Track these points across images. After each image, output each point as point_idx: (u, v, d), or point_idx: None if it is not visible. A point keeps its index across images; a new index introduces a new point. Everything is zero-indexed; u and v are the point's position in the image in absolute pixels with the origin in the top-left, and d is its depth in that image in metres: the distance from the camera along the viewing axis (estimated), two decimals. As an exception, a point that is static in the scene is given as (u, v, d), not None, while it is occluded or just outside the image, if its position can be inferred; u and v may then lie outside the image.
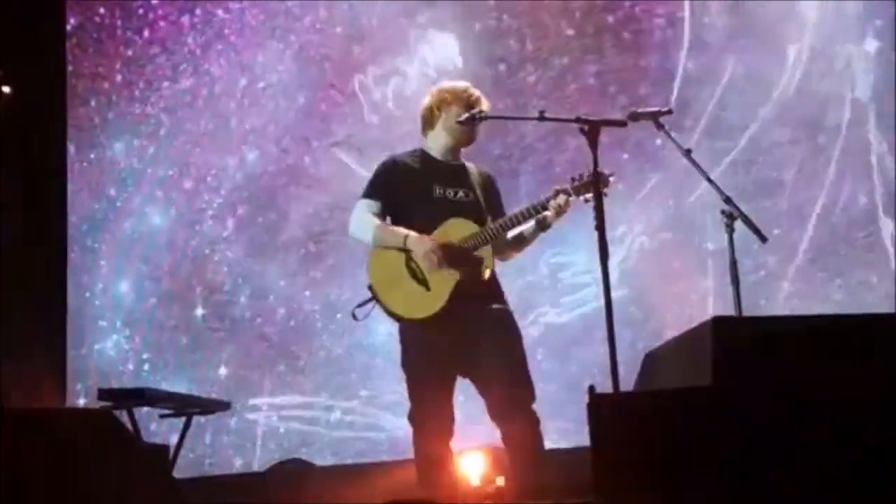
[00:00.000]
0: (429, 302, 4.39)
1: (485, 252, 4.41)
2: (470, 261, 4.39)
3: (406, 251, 4.43)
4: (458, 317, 4.36)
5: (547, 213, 4.41)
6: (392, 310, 4.47)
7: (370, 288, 4.51)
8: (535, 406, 4.39)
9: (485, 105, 4.60)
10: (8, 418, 4.66)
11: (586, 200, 4.16)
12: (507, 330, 4.46)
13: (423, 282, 4.42)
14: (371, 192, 4.63)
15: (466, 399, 4.56)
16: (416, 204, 4.54)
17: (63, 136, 7.53)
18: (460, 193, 4.55)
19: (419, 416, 4.46)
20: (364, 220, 4.56)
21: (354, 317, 4.53)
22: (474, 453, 5.87)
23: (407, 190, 4.57)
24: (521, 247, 4.64)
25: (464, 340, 4.39)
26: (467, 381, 4.49)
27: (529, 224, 4.50)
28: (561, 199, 4.37)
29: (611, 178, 4.30)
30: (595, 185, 3.98)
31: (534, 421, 4.37)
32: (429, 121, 4.69)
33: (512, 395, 4.35)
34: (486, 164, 4.95)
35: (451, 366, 4.45)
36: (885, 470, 2.46)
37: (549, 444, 4.49)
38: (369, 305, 4.51)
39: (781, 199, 6.40)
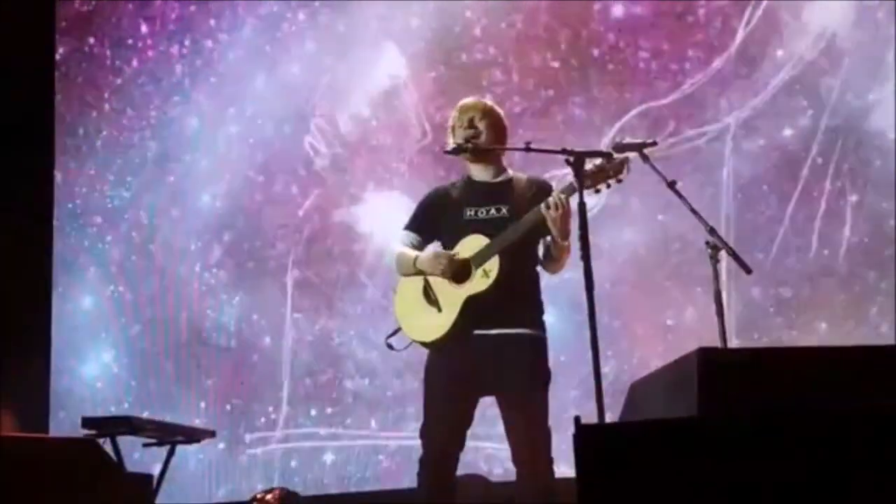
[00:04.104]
0: (440, 323, 4.38)
1: (490, 264, 4.31)
2: (476, 274, 4.34)
3: (421, 274, 4.44)
4: (475, 339, 4.33)
5: (541, 216, 4.26)
6: (410, 336, 4.47)
7: (396, 317, 4.53)
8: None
9: (475, 120, 4.54)
10: (-8, 446, 4.65)
11: (597, 191, 4.11)
12: (524, 362, 4.32)
13: (435, 303, 4.42)
14: (408, 223, 4.66)
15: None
16: (449, 229, 4.51)
17: (50, 164, 7.54)
18: (492, 211, 4.46)
19: (424, 439, 4.42)
20: (391, 250, 4.62)
21: (390, 346, 4.52)
22: None
23: (443, 218, 4.56)
24: (554, 257, 4.40)
25: (482, 365, 4.32)
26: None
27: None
28: (551, 198, 4.22)
29: (626, 166, 4.14)
30: (581, 213, 3.96)
31: (542, 470, 4.25)
32: None
33: (521, 441, 4.29)
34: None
35: (464, 391, 4.38)
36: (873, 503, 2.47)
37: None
38: (402, 335, 4.50)
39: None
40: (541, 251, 4.46)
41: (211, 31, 7.49)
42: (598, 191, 4.15)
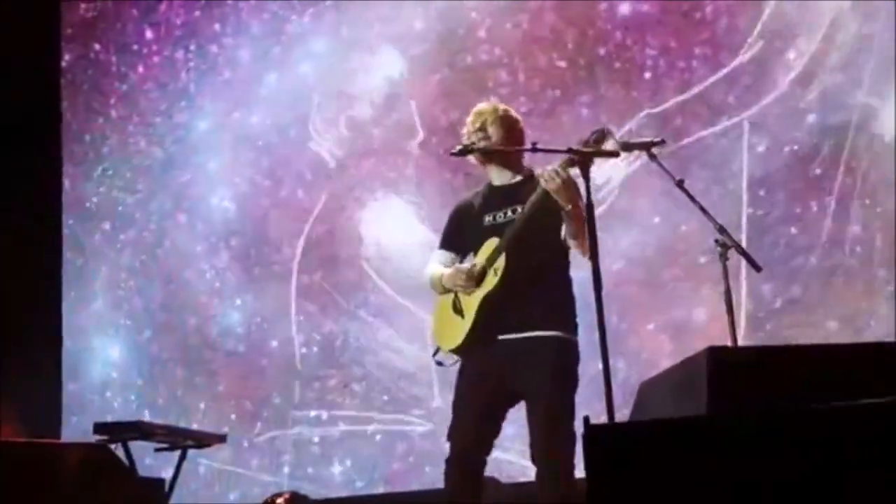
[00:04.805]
0: (462, 328, 4.39)
1: (498, 262, 4.29)
2: (488, 275, 4.32)
3: (450, 291, 4.46)
4: (500, 344, 4.32)
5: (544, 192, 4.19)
6: (441, 347, 4.50)
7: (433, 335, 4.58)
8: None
9: (486, 128, 4.47)
10: (5, 452, 4.66)
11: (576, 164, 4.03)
12: (547, 365, 4.27)
13: (460, 311, 4.43)
14: (440, 241, 4.68)
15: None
16: (473, 240, 4.49)
17: (58, 171, 7.56)
18: (509, 213, 4.43)
19: (450, 441, 4.42)
20: (426, 274, 4.61)
21: (440, 363, 4.53)
22: None
23: (467, 229, 4.55)
24: (573, 231, 4.25)
25: (505, 370, 4.31)
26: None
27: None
28: (545, 174, 4.17)
29: (608, 136, 4.08)
30: (590, 218, 3.94)
31: (557, 471, 4.19)
32: None
33: (539, 441, 4.25)
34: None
35: (487, 395, 4.36)
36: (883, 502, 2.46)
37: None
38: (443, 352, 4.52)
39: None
40: (563, 233, 4.33)
41: (216, 36, 7.49)
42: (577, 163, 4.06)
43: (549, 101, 6.82)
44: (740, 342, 4.28)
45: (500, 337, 4.33)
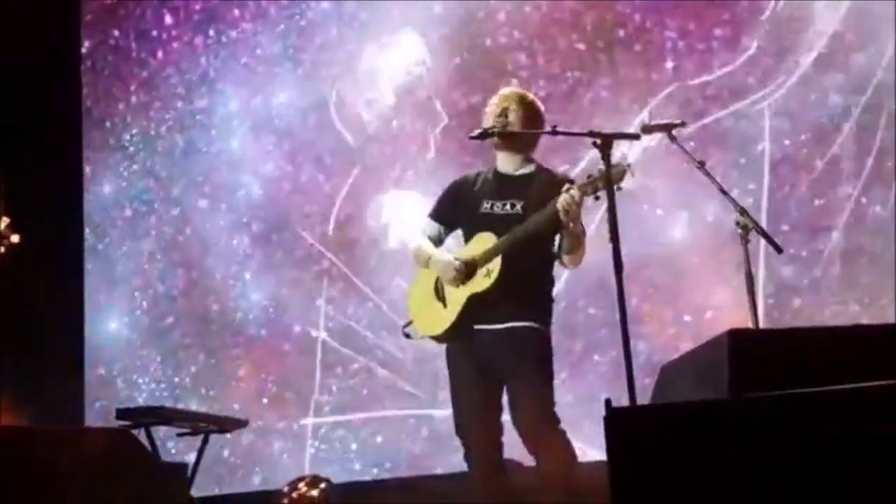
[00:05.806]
0: (444, 318, 4.41)
1: (493, 264, 4.30)
2: (479, 273, 4.34)
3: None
4: (480, 333, 4.35)
5: (556, 213, 4.16)
6: (418, 329, 4.53)
7: (408, 309, 4.60)
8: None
9: (508, 113, 4.46)
10: (28, 437, 4.70)
11: (596, 198, 4.03)
12: (528, 352, 4.33)
13: (442, 298, 4.44)
14: (432, 210, 4.68)
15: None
16: (466, 222, 4.52)
17: (79, 158, 7.58)
18: (507, 206, 4.43)
19: (460, 438, 4.46)
20: (411, 242, 4.64)
21: (407, 335, 4.58)
22: None
23: (462, 209, 4.55)
24: (569, 253, 4.36)
25: (484, 359, 4.36)
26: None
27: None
28: (563, 198, 4.11)
29: (627, 172, 3.99)
30: (609, 195, 3.92)
31: (558, 451, 4.27)
32: None
33: (531, 428, 4.29)
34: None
35: (481, 383, 4.39)
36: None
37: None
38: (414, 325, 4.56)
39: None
40: (556, 245, 4.40)
41: (235, 21, 7.50)
42: (597, 197, 4.06)
43: (568, 84, 6.79)
44: (761, 325, 4.26)
45: (477, 326, 4.37)
